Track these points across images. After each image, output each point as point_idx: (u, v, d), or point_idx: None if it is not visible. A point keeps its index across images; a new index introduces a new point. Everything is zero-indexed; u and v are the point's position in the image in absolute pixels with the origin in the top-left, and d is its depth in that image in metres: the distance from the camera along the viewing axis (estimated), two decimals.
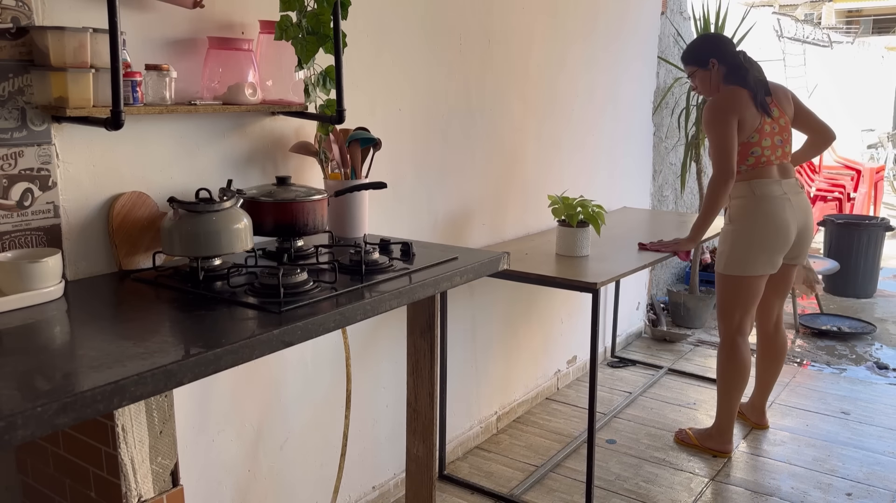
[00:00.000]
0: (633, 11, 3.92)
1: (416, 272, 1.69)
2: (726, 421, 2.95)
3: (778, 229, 2.73)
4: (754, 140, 2.73)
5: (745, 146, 2.73)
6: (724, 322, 2.87)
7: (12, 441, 0.93)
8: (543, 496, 2.69)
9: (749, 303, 2.83)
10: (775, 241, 2.74)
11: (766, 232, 2.73)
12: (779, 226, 2.73)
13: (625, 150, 4.02)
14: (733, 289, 2.82)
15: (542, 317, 3.43)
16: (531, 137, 3.16)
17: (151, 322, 1.38)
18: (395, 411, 2.59)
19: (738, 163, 2.73)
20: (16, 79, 1.47)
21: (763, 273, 2.78)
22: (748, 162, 2.74)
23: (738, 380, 2.89)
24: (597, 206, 2.74)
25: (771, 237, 2.73)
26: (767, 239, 2.73)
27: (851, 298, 5.27)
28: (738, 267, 2.78)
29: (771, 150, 2.75)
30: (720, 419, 2.96)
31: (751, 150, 2.74)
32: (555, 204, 2.77)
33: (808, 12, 18.06)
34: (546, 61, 3.19)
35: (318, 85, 1.88)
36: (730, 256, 2.80)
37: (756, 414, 3.21)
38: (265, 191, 1.80)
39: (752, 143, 2.73)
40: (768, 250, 2.74)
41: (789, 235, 2.76)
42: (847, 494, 2.69)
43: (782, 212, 2.73)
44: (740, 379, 2.89)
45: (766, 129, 2.74)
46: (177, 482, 1.34)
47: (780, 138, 2.77)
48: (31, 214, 1.53)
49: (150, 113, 1.63)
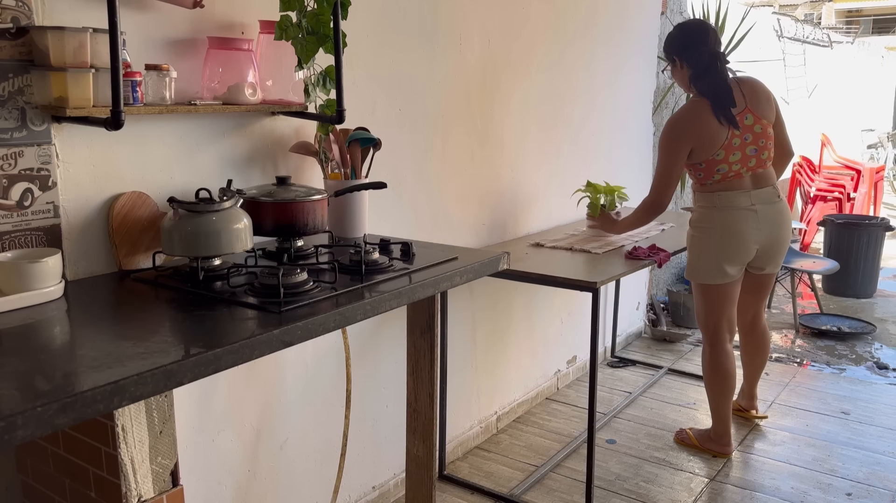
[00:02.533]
0: (632, 11, 3.92)
1: (416, 272, 1.69)
2: (721, 424, 2.94)
3: (732, 241, 2.69)
4: (719, 157, 2.63)
5: (709, 163, 2.65)
6: (701, 328, 2.89)
7: (12, 441, 0.93)
8: (543, 496, 2.69)
9: (720, 309, 2.80)
10: (730, 252, 2.70)
11: (721, 242, 2.70)
12: (733, 237, 2.68)
13: (625, 149, 4.02)
14: (701, 296, 2.82)
15: (542, 317, 3.43)
16: (531, 137, 3.16)
17: (151, 322, 1.38)
18: (395, 411, 2.59)
19: (704, 179, 2.69)
20: (16, 79, 1.47)
21: (722, 282, 2.75)
22: (714, 178, 2.67)
23: (723, 385, 2.88)
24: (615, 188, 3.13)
25: (724, 248, 2.70)
26: (722, 249, 2.70)
27: (851, 298, 5.27)
28: (699, 274, 2.78)
29: (741, 163, 2.65)
30: (715, 423, 2.97)
31: (716, 168, 2.65)
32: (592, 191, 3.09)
33: (808, 12, 18.05)
34: (546, 61, 3.19)
35: (318, 85, 1.88)
36: (691, 264, 2.81)
37: (744, 399, 3.24)
38: (265, 191, 1.80)
39: (718, 161, 2.63)
40: (724, 260, 2.71)
41: (746, 247, 2.70)
42: (847, 494, 2.69)
43: (740, 223, 2.67)
44: (724, 383, 2.88)
45: (735, 142, 2.62)
46: (177, 482, 1.34)
47: (753, 147, 2.65)
48: (31, 214, 1.53)
49: (150, 113, 1.63)
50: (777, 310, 5.02)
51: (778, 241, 2.77)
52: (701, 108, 2.64)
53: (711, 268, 2.73)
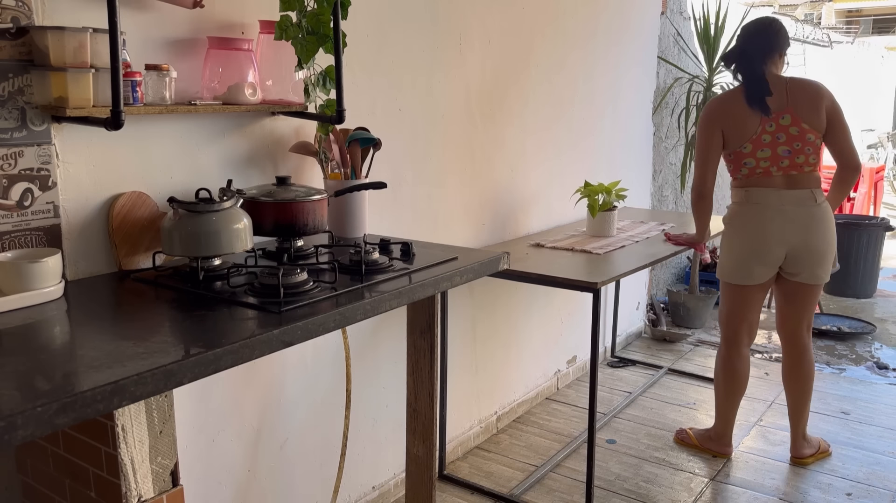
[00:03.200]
0: (633, 11, 3.92)
1: (416, 272, 1.69)
2: (723, 424, 2.94)
3: (756, 240, 2.63)
4: (746, 150, 2.60)
5: (737, 156, 2.64)
6: (721, 328, 2.87)
7: (12, 441, 0.93)
8: (543, 496, 2.69)
9: (741, 312, 2.76)
10: (754, 252, 2.64)
11: (746, 241, 2.66)
12: (758, 236, 2.62)
13: (625, 149, 4.02)
14: (725, 296, 2.80)
15: (542, 317, 3.43)
16: (531, 137, 3.16)
17: (151, 322, 1.38)
18: (395, 411, 2.59)
19: (734, 172, 2.70)
20: (16, 79, 1.47)
21: (744, 283, 2.69)
22: (742, 172, 2.66)
23: (732, 387, 2.86)
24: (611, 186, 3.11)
25: (748, 246, 2.65)
26: (746, 248, 2.65)
27: (851, 298, 5.27)
28: (725, 273, 2.76)
29: (771, 161, 2.58)
30: (717, 422, 2.95)
31: (743, 161, 2.63)
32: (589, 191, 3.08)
33: (807, 12, 18.05)
34: (546, 61, 3.19)
35: (318, 85, 1.88)
36: (720, 261, 2.79)
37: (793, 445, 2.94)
38: (265, 191, 1.80)
39: (744, 154, 2.61)
40: (749, 260, 2.66)
41: (770, 248, 2.62)
42: (847, 494, 2.69)
43: (766, 222, 2.60)
44: (734, 385, 2.86)
45: (765, 138, 2.57)
46: (177, 482, 1.34)
47: (786, 148, 2.57)
48: (31, 214, 1.53)
49: (150, 113, 1.63)
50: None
51: (809, 248, 2.62)
52: (734, 94, 2.66)
53: (736, 267, 2.70)
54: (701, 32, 4.42)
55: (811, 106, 2.58)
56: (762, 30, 2.70)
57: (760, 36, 2.68)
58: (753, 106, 2.59)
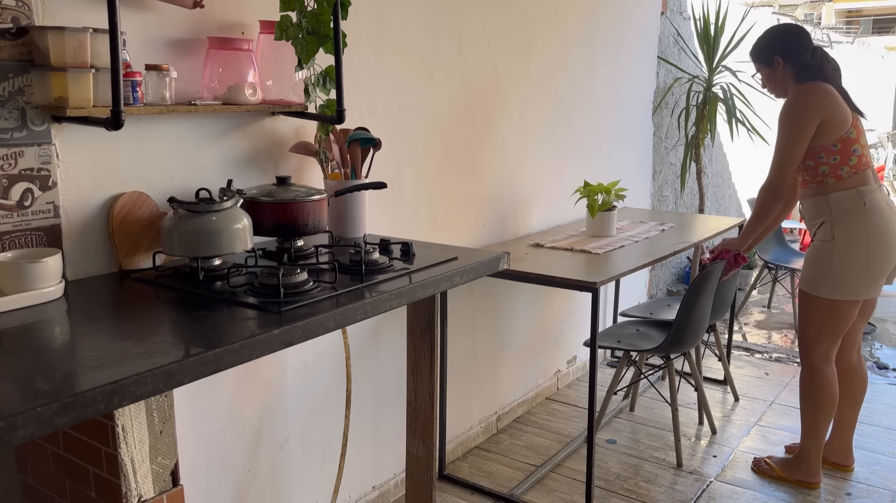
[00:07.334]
0: (633, 11, 3.92)
1: (416, 272, 1.69)
2: (815, 452, 2.69)
3: (888, 248, 2.40)
4: (853, 136, 2.38)
5: (845, 143, 2.39)
6: (811, 349, 2.57)
7: (12, 441, 0.93)
8: (543, 496, 2.69)
9: (839, 330, 2.53)
10: (885, 263, 2.43)
11: (875, 251, 2.42)
12: (886, 243, 2.39)
13: (625, 149, 4.02)
14: (826, 314, 2.51)
15: (542, 317, 3.43)
16: (531, 137, 3.16)
17: (151, 322, 1.38)
18: (395, 411, 2.59)
19: (839, 164, 2.42)
20: (16, 79, 1.47)
21: (863, 298, 2.48)
22: (851, 162, 2.40)
23: (828, 410, 2.62)
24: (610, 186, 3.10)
25: (880, 258, 2.42)
26: (876, 259, 2.42)
27: None
28: (836, 290, 2.46)
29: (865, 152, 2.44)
30: (807, 450, 2.69)
31: (852, 148, 2.39)
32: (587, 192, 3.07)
33: (807, 12, 18.06)
34: (546, 61, 3.19)
35: (318, 85, 1.88)
36: (828, 278, 2.47)
37: (837, 454, 2.83)
38: (265, 191, 1.80)
39: (852, 140, 2.38)
40: (875, 273, 2.44)
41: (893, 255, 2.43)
42: (847, 494, 2.69)
43: (889, 226, 2.40)
44: (830, 408, 2.62)
45: (860, 125, 2.44)
46: (177, 482, 1.34)
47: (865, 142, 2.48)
48: (31, 214, 1.53)
49: (150, 113, 1.63)
50: (777, 310, 5.02)
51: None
52: (825, 87, 2.44)
53: (857, 281, 2.44)
54: (701, 32, 4.42)
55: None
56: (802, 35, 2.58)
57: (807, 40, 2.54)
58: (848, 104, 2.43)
